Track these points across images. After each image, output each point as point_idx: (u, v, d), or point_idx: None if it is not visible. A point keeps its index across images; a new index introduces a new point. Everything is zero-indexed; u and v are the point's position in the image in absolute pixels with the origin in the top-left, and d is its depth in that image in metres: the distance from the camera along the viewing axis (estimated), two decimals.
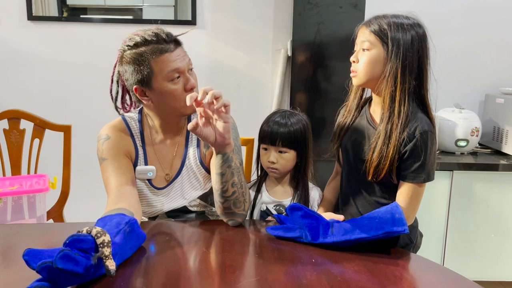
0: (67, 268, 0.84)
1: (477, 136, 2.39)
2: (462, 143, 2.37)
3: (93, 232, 0.91)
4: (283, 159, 1.43)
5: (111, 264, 0.88)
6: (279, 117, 1.43)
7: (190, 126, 1.15)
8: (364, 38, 1.24)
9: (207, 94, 1.11)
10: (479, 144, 2.59)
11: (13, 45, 2.65)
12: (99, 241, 0.90)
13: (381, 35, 1.21)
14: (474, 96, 2.67)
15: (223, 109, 1.15)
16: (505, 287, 2.46)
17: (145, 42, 1.26)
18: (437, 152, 2.41)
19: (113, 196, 1.25)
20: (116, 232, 1.00)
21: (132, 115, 1.43)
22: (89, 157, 2.52)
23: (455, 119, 2.38)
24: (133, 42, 1.27)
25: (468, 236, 2.31)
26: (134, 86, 1.30)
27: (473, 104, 2.66)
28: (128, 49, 1.28)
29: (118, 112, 1.47)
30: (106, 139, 1.35)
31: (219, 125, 1.17)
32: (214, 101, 1.13)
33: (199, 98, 1.12)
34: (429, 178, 1.23)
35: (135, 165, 1.38)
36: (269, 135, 1.42)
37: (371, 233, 1.11)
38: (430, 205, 2.28)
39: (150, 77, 1.27)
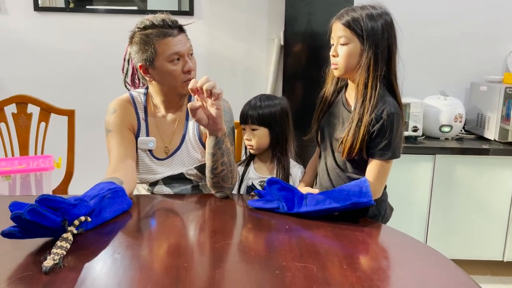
0: (33, 220, 0.98)
1: (460, 122, 2.50)
2: (446, 129, 2.48)
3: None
4: (256, 136, 1.61)
5: (47, 262, 0.93)
6: (253, 100, 1.63)
7: (190, 105, 1.29)
8: (340, 34, 1.33)
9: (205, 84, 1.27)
10: (465, 130, 2.70)
11: (20, 35, 2.79)
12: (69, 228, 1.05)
13: (355, 28, 1.31)
14: (460, 84, 2.77)
15: (216, 95, 1.29)
16: (487, 266, 2.59)
17: (152, 25, 1.43)
18: (422, 137, 2.53)
19: (112, 166, 1.43)
20: (95, 195, 1.17)
21: (139, 92, 1.59)
22: (91, 140, 2.67)
23: (440, 106, 2.49)
24: (143, 25, 1.45)
25: (450, 216, 2.44)
26: (139, 64, 1.48)
27: (460, 92, 2.77)
28: (138, 31, 1.46)
29: (127, 87, 1.63)
30: (113, 112, 1.52)
31: (212, 111, 1.32)
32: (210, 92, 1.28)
33: (198, 85, 1.27)
34: (395, 155, 1.34)
35: (137, 136, 1.54)
36: (243, 116, 1.62)
37: (340, 204, 1.25)
38: (414, 186, 2.40)
39: (154, 57, 1.44)
